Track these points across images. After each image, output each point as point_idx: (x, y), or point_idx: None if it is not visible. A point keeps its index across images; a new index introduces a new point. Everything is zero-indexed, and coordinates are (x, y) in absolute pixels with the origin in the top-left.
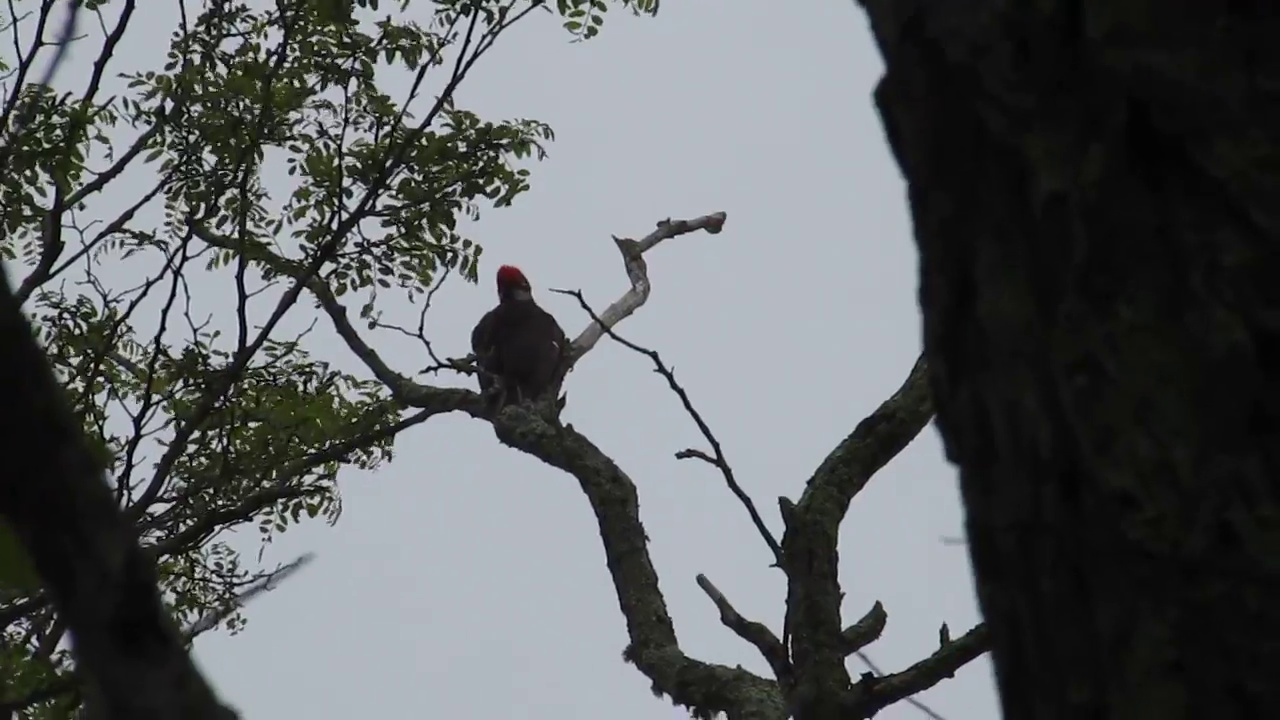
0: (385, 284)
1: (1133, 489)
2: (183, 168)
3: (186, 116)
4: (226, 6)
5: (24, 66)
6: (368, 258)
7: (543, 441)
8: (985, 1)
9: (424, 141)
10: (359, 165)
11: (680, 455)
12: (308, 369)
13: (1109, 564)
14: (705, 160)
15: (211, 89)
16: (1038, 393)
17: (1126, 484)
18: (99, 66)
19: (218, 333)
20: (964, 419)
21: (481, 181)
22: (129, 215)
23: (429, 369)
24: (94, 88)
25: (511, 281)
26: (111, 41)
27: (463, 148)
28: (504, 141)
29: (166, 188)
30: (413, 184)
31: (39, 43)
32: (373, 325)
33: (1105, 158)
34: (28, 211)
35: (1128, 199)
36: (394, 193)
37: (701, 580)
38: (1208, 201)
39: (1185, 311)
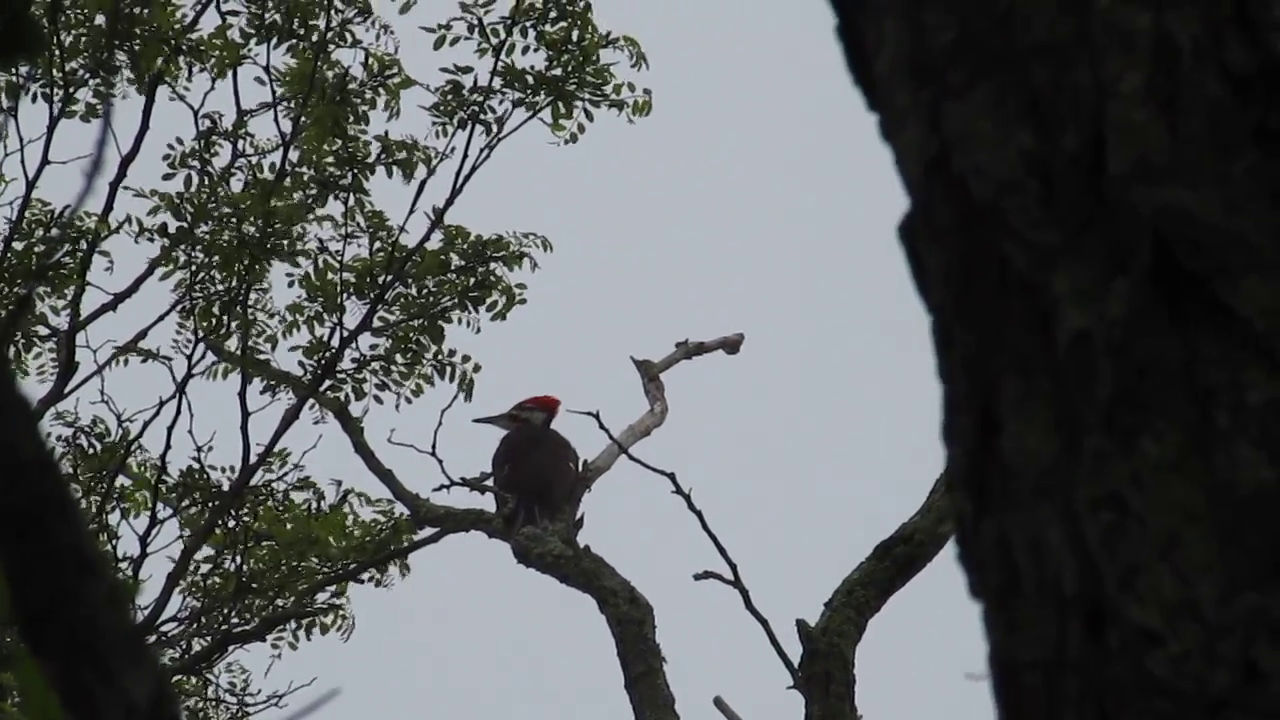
0: (379, 400)
1: (1157, 625)
2: (195, 287)
3: (193, 236)
4: (225, 124)
5: (30, 185)
6: (365, 372)
7: (560, 562)
8: (1010, 139)
9: (419, 258)
10: (355, 281)
11: (698, 577)
12: (312, 485)
13: (1134, 700)
14: (720, 274)
15: (215, 207)
16: (1062, 529)
17: (1151, 621)
18: (113, 187)
19: (211, 447)
20: (988, 555)
21: (478, 295)
22: (143, 335)
23: (442, 487)
24: (109, 208)
25: (551, 410)
26: (126, 162)
27: (458, 262)
28: (500, 255)
29: (181, 306)
30: (408, 298)
31: (45, 161)
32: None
33: (1130, 295)
34: (43, 331)
35: (1153, 336)
36: (390, 307)
37: (719, 702)
38: (1234, 339)
39: (1211, 449)
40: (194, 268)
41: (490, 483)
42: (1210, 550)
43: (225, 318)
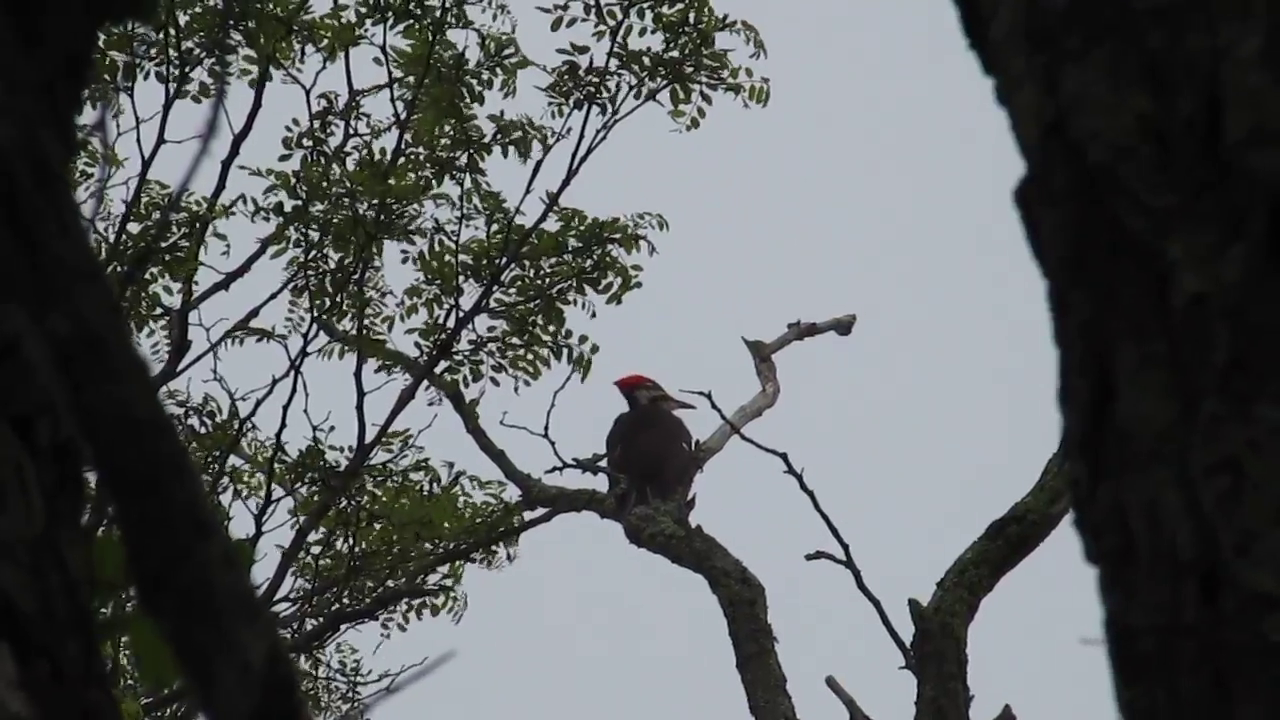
0: (496, 382)
1: (1273, 590)
2: (307, 265)
3: (308, 214)
4: (340, 104)
5: (146, 165)
6: (481, 354)
7: (672, 542)
8: (1126, 103)
9: (535, 240)
10: (472, 263)
11: (810, 557)
12: (427, 467)
13: (1250, 665)
14: (833, 255)
15: (331, 186)
16: (1178, 494)
17: (1267, 585)
18: (225, 165)
19: (333, 428)
20: (1104, 520)
21: (594, 277)
22: (255, 313)
23: (554, 469)
24: (220, 185)
25: (629, 389)
26: (239, 140)
27: (575, 243)
28: (616, 236)
29: (293, 284)
30: (525, 280)
31: (161, 140)
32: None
33: (1246, 259)
34: (156, 311)
35: (1269, 301)
36: (506, 289)
37: (831, 682)
38: None
39: None
40: (306, 246)
41: (603, 463)
42: None
43: (339, 296)
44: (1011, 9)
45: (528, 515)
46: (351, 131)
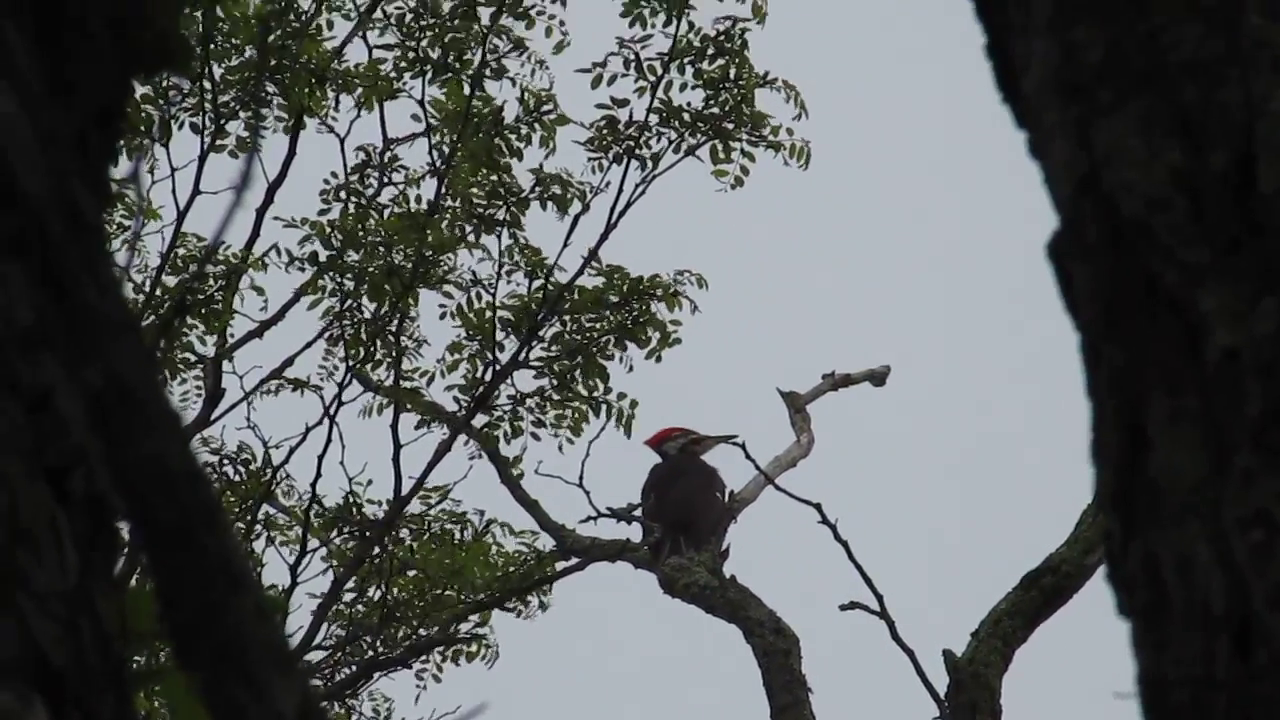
0: (537, 437)
1: None
2: (343, 315)
3: (342, 263)
4: (382, 156)
5: (181, 216)
6: (520, 409)
7: (706, 592)
8: (1159, 156)
9: (575, 295)
10: (511, 318)
11: (844, 607)
12: (461, 516)
13: None
14: (867, 307)
15: (368, 236)
16: (1211, 547)
17: None
18: (260, 213)
19: (370, 481)
20: (1136, 573)
21: (633, 331)
22: (290, 362)
23: (589, 518)
24: (255, 234)
25: (658, 444)
26: (273, 188)
27: (614, 299)
28: (657, 293)
29: (328, 334)
30: (565, 336)
31: (196, 191)
32: (533, 473)
33: (1279, 313)
34: (189, 358)
35: None
36: (545, 345)
37: None
38: None
39: None
40: (341, 295)
41: (637, 513)
42: None
43: (374, 345)
44: (1044, 63)
45: (561, 565)
46: (386, 181)
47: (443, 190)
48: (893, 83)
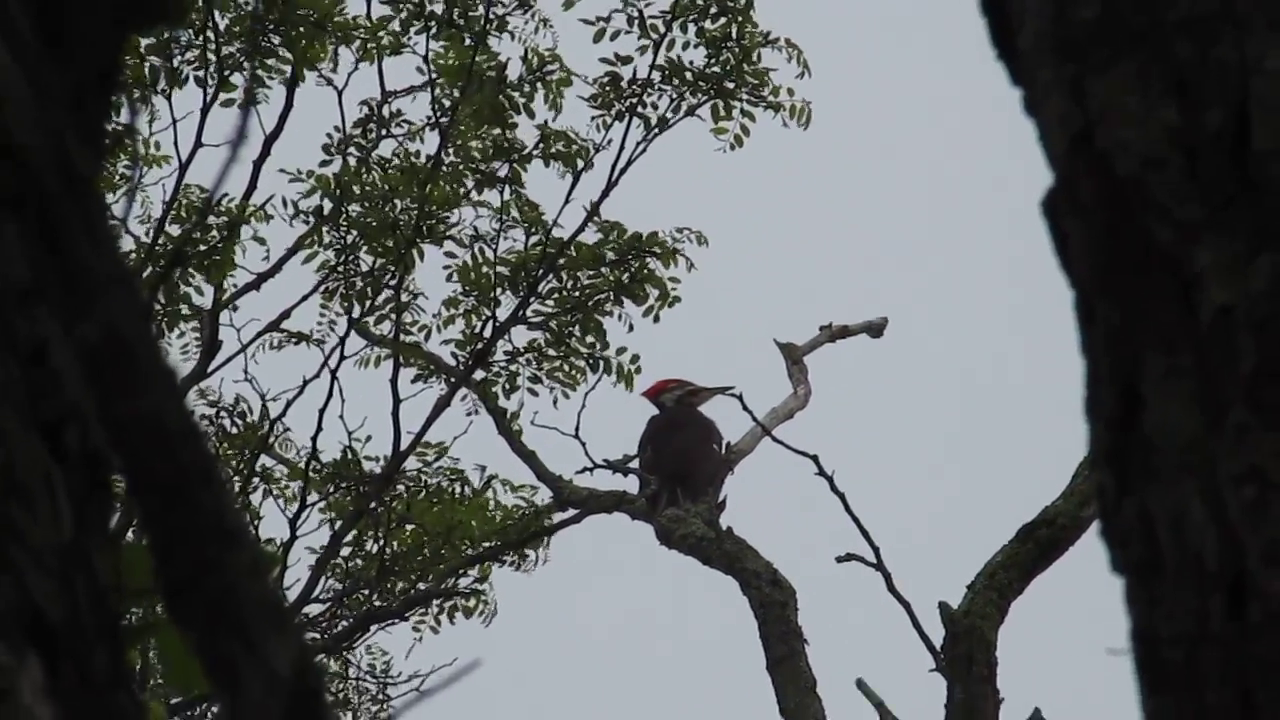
0: (534, 392)
1: None
2: (340, 268)
3: (345, 216)
4: (384, 111)
5: (184, 167)
6: (517, 365)
7: (703, 544)
8: (1154, 115)
9: (573, 251)
10: (509, 274)
11: (840, 559)
12: (460, 474)
13: (1276, 675)
14: (865, 263)
15: (369, 189)
16: (1205, 504)
17: None
18: (257, 165)
19: (369, 437)
20: (1130, 530)
21: (631, 289)
22: (286, 315)
23: (585, 470)
24: (252, 186)
25: (654, 396)
26: (270, 140)
27: (612, 256)
28: (655, 250)
29: (324, 287)
30: (563, 292)
31: (198, 143)
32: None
33: (1273, 270)
34: (186, 310)
35: None
36: (544, 300)
37: (861, 684)
38: None
39: None
40: (339, 247)
41: (633, 464)
42: None
43: (373, 299)
44: (1039, 20)
45: (558, 517)
46: (384, 134)
47: (445, 145)
48: (892, 41)
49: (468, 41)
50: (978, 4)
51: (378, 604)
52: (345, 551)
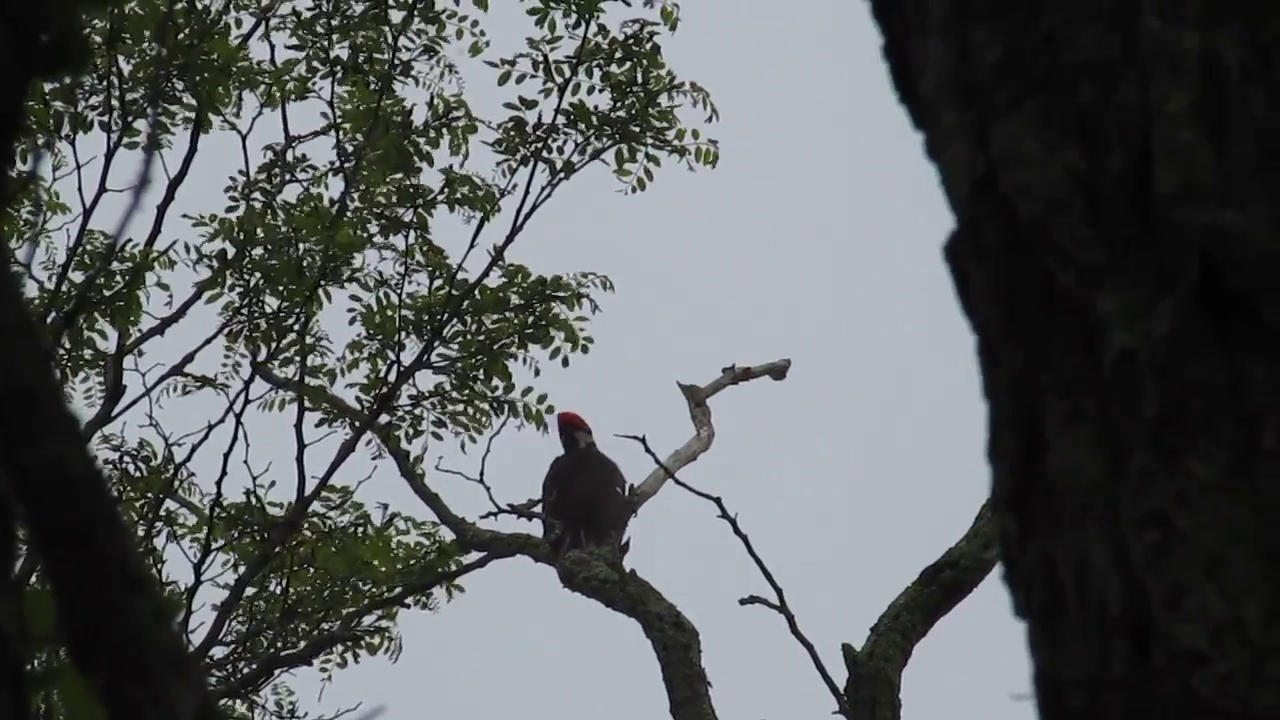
0: (439, 436)
1: (1203, 645)
2: (244, 310)
3: (248, 260)
4: (288, 155)
5: (87, 212)
6: (421, 410)
7: (605, 587)
8: (1056, 158)
9: (478, 295)
10: (413, 318)
11: (743, 601)
12: (364, 515)
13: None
14: (769, 306)
15: (273, 233)
16: (1107, 548)
17: (1197, 640)
18: (161, 210)
19: (273, 483)
20: (1033, 574)
21: (534, 334)
22: (190, 358)
23: (489, 514)
24: (156, 231)
25: (573, 426)
26: (174, 185)
27: (517, 300)
28: (560, 294)
29: (227, 330)
30: (467, 336)
31: (102, 189)
32: (434, 469)
33: (1176, 314)
34: (89, 355)
35: (1199, 356)
36: (448, 344)
37: None
38: None
39: (1257, 469)
40: (242, 290)
41: (537, 509)
42: (1256, 570)
43: (276, 341)
44: (941, 64)
45: (463, 560)
46: (291, 178)
47: (349, 190)
48: (797, 85)
49: (373, 86)
50: (880, 48)
51: (282, 647)
52: (250, 592)
